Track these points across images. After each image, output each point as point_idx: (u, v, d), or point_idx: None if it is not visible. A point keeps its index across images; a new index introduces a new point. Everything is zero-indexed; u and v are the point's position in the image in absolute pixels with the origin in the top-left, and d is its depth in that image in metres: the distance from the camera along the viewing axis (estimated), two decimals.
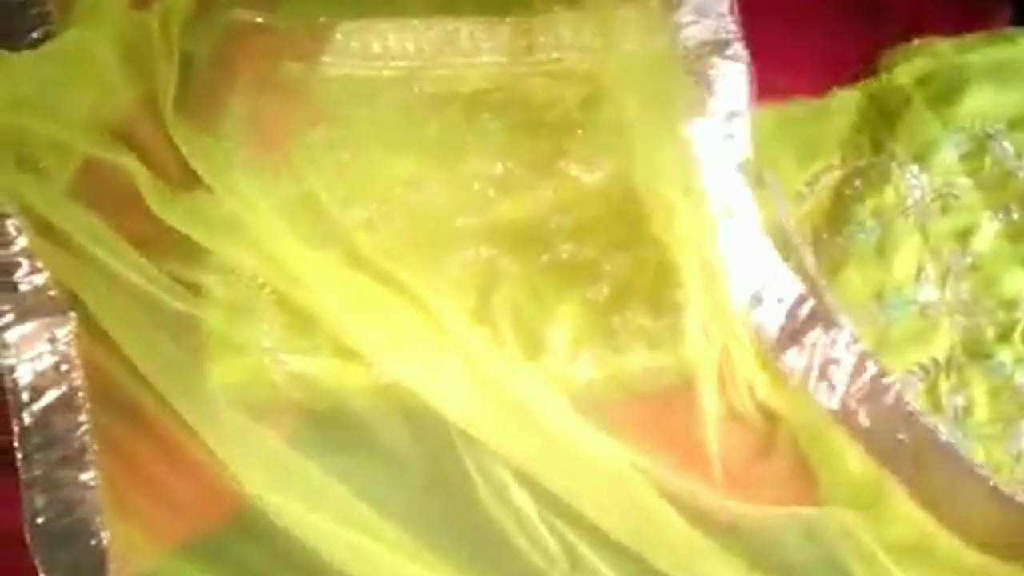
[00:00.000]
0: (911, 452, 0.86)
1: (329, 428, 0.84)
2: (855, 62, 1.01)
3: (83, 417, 0.83)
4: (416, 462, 0.83)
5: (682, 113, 0.92)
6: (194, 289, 0.85)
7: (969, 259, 0.91)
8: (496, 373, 0.84)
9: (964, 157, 0.95)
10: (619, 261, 0.89)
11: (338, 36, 0.94)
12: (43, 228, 0.86)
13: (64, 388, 0.84)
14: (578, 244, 0.90)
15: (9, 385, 0.83)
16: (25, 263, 0.86)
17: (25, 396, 0.83)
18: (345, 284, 0.86)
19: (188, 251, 0.86)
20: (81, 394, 0.84)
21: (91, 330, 0.85)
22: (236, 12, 0.92)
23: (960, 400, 0.88)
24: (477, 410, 0.83)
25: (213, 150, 0.88)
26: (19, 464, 0.81)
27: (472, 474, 0.82)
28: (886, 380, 0.87)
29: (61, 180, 0.87)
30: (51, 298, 0.85)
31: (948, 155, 0.94)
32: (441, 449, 0.82)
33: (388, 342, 0.85)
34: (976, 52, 0.98)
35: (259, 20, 0.93)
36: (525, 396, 0.83)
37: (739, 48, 0.95)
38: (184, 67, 0.89)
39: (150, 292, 0.84)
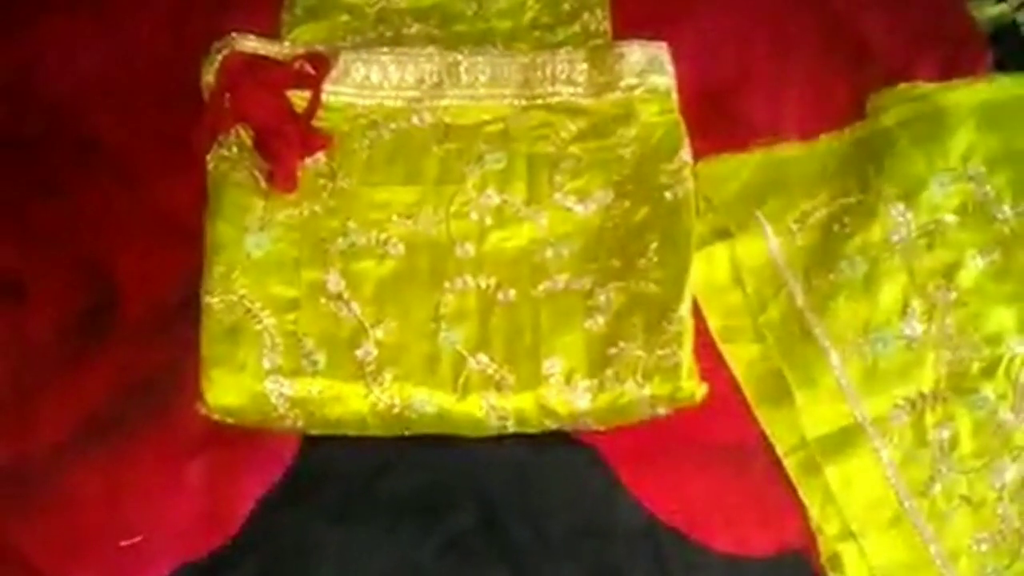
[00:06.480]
0: None
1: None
2: (842, 105, 1.03)
3: None
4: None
5: None
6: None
7: (954, 295, 0.93)
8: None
9: (949, 195, 0.97)
10: (615, 293, 0.90)
11: (339, 66, 0.95)
12: None
13: None
14: (575, 275, 0.91)
15: None
16: None
17: None
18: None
19: None
20: None
21: None
22: (239, 42, 0.93)
23: (945, 433, 0.90)
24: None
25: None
26: None
27: None
28: None
29: None
30: None
31: (934, 193, 0.96)
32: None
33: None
34: (959, 94, 1.00)
35: (262, 50, 0.94)
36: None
37: None
38: None
39: None
